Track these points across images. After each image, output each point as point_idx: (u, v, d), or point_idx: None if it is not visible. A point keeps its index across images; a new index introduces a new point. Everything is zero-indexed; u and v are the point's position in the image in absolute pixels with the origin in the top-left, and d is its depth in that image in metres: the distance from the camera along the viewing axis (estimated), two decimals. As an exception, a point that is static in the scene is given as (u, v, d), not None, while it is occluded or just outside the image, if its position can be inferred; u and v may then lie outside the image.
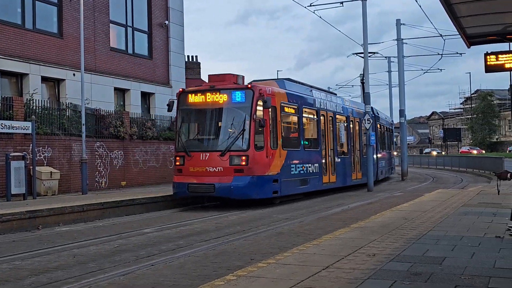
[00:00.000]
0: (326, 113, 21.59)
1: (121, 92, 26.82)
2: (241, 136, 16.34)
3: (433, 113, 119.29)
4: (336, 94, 26.62)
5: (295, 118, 19.10)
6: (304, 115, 19.61)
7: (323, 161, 20.86)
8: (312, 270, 5.71)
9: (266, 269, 5.89)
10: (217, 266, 7.69)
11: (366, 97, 24.53)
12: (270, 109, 16.91)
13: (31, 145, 17.65)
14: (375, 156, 27.54)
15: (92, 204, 14.83)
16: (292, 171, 18.18)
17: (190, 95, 17.31)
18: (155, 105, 28.64)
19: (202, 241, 10.20)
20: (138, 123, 24.07)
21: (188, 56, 38.26)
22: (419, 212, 10.91)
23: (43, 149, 18.77)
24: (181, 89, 17.99)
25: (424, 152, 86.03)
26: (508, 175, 7.97)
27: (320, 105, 21.18)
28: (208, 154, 16.39)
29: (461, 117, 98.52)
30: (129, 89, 26.86)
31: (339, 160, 22.43)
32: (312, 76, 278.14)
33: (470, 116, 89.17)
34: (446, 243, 7.23)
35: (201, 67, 39.66)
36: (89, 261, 8.53)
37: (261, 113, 16.59)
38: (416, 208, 11.89)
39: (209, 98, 16.92)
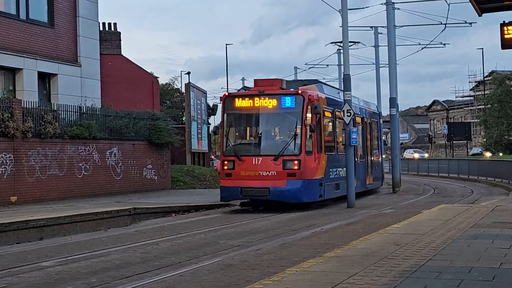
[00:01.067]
0: None
1: (10, 73, 26.39)
2: (293, 141, 21.11)
3: (434, 102, 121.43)
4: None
5: (331, 122, 24.05)
6: (337, 119, 24.33)
7: None
8: (272, 317, 5.72)
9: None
10: (143, 313, 7.64)
11: (345, 81, 24.60)
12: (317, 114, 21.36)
13: None
14: (380, 159, 33.77)
15: (-31, 228, 14.55)
16: (331, 175, 23.22)
17: (237, 99, 22.00)
18: (57, 90, 28.25)
19: (122, 278, 10.11)
20: (35, 116, 23.72)
21: (104, 24, 37.94)
22: (415, 236, 11.06)
23: None
24: (226, 93, 22.90)
25: (471, 154, 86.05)
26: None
27: None
28: (261, 158, 21.11)
29: (471, 108, 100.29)
30: (21, 69, 26.45)
31: (358, 163, 26.92)
32: (276, 52, 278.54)
33: (483, 107, 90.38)
34: (450, 277, 7.34)
35: (121, 38, 39.33)
36: (-36, 307, 8.35)
37: (310, 118, 21.03)
38: (411, 230, 12.06)
39: (257, 103, 21.57)
